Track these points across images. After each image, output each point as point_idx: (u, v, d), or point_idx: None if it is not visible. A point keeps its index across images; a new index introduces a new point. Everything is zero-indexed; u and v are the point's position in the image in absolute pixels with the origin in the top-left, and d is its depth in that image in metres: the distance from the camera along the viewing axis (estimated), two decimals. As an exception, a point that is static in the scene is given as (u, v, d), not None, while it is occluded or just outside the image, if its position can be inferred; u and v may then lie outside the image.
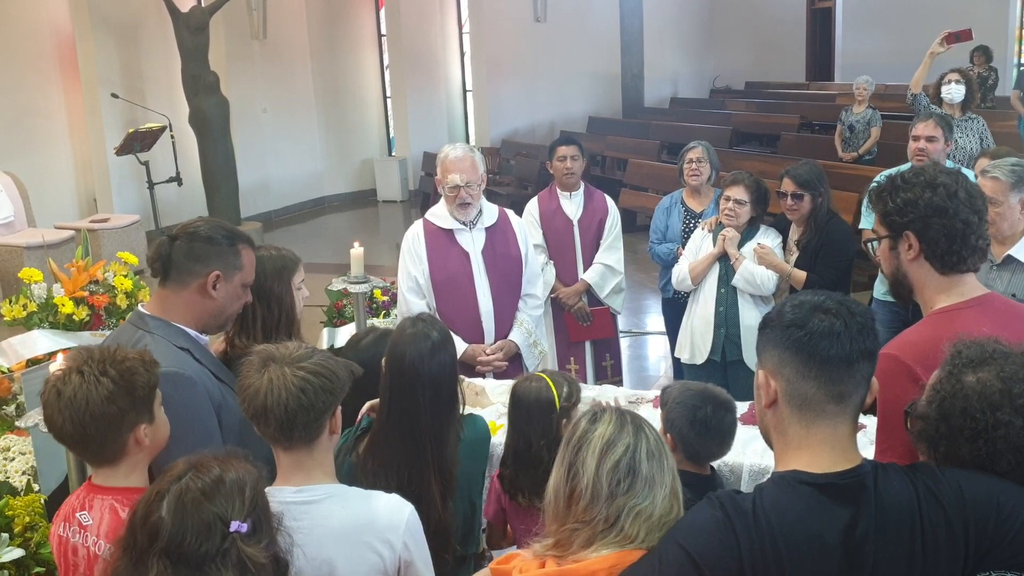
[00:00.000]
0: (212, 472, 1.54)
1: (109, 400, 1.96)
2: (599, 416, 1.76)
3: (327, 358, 2.01)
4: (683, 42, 16.58)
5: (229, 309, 2.54)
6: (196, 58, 10.48)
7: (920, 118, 4.74)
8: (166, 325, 2.45)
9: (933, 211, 2.06)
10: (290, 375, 1.92)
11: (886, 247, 2.17)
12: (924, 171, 2.13)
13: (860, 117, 9.83)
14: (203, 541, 1.47)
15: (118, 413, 1.98)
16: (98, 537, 2.01)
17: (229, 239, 2.49)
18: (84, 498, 2.07)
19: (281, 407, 1.90)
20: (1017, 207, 3.48)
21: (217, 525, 1.48)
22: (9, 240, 8.39)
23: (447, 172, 4.00)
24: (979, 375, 1.65)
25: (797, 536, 1.54)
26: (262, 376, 1.93)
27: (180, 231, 2.50)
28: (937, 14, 14.21)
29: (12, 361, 4.09)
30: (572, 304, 5.05)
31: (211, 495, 1.50)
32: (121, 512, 1.99)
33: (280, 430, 1.94)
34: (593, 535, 1.68)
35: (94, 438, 1.98)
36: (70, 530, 2.06)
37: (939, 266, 2.09)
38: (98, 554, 1.98)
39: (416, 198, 13.79)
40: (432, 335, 2.49)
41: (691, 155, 5.09)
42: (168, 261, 2.45)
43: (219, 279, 2.45)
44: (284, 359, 1.95)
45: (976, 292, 2.12)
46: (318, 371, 1.94)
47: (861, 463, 1.62)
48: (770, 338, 1.67)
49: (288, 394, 1.90)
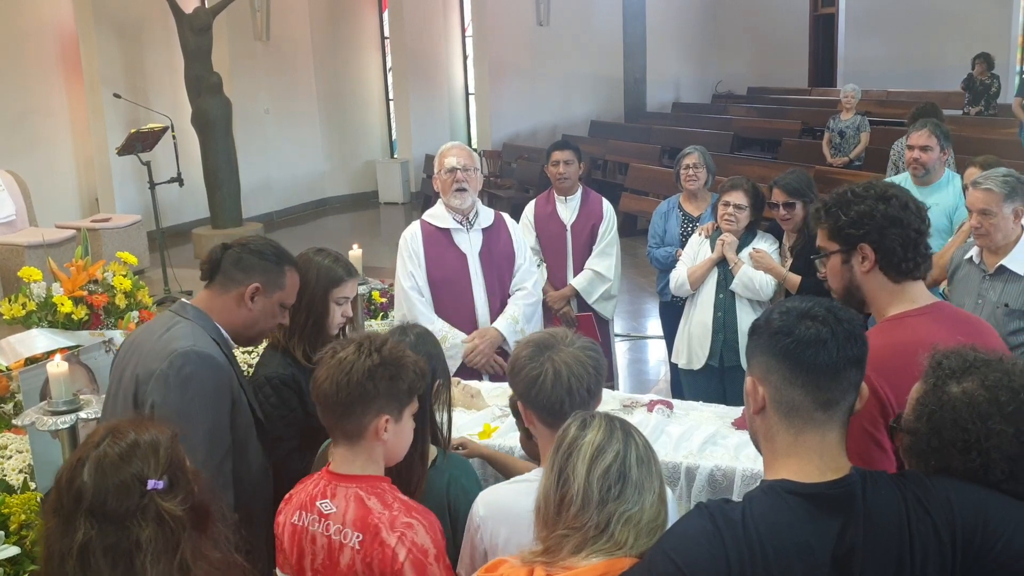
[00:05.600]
0: (128, 436, 1.66)
1: (369, 375, 2.06)
2: (588, 423, 1.77)
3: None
4: (686, 47, 16.60)
5: (262, 324, 2.64)
6: (199, 59, 10.49)
7: (915, 126, 4.73)
8: (205, 318, 2.57)
9: (889, 222, 2.12)
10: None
11: (837, 261, 2.20)
12: (873, 185, 2.19)
13: (849, 123, 9.97)
14: (123, 499, 1.59)
15: (372, 391, 2.06)
16: (343, 525, 2.05)
17: (277, 259, 2.62)
18: (325, 486, 2.12)
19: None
20: (1010, 217, 3.49)
21: (135, 484, 1.60)
22: (10, 239, 8.40)
23: (443, 158, 4.05)
24: (963, 385, 1.65)
25: (786, 546, 1.54)
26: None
27: (236, 241, 2.66)
28: (939, 21, 14.24)
29: (11, 359, 4.10)
30: (558, 308, 5.07)
31: (127, 457, 1.62)
32: (367, 500, 2.05)
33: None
34: (583, 541, 1.69)
35: (343, 404, 2.07)
36: (308, 518, 2.10)
37: (894, 275, 2.15)
38: (343, 543, 2.03)
39: (418, 200, 13.79)
40: (405, 340, 2.43)
41: (687, 160, 5.11)
42: (216, 265, 2.60)
43: (258, 292, 2.57)
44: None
45: (926, 300, 2.18)
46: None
47: (849, 472, 1.62)
48: (758, 345, 1.68)
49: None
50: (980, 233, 3.56)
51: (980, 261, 3.64)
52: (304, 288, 2.83)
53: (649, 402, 3.66)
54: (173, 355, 2.43)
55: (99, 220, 9.60)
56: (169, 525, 1.61)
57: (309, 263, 2.90)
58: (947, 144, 4.60)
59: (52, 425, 2.85)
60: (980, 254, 3.65)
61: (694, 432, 3.34)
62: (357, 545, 2.01)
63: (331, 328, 2.92)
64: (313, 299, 2.87)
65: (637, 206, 10.86)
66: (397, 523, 2.01)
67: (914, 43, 14.65)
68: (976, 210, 3.54)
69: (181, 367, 2.42)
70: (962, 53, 12.27)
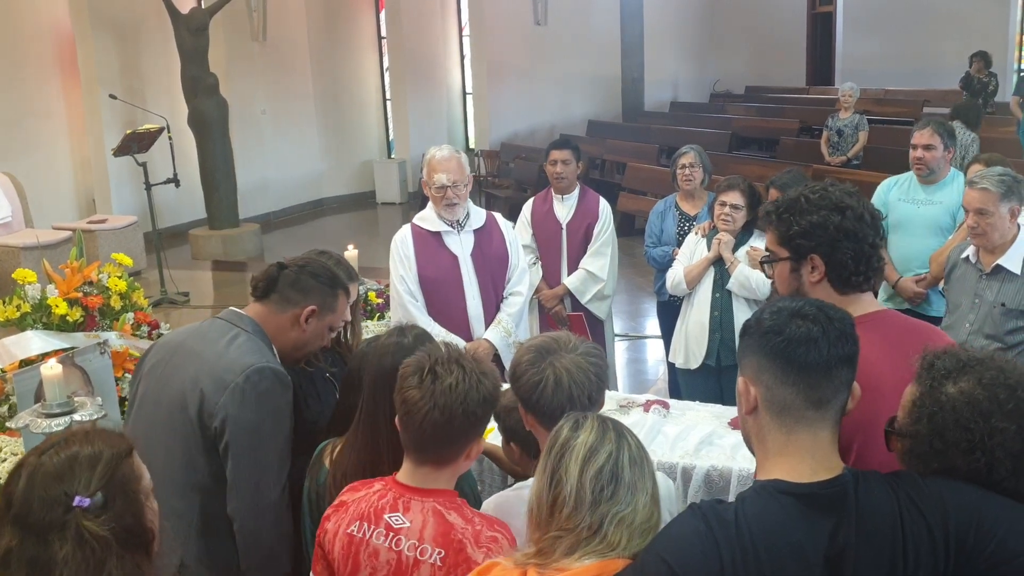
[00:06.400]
0: (70, 449, 1.61)
1: (484, 402, 2.00)
2: (581, 423, 1.76)
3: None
4: (683, 46, 16.59)
5: (311, 345, 2.65)
6: (196, 59, 10.47)
7: (918, 125, 4.71)
8: (263, 334, 2.56)
9: (843, 235, 2.04)
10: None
11: (786, 268, 2.13)
12: (829, 194, 2.08)
13: (848, 122, 9.95)
14: (46, 512, 1.55)
15: (482, 418, 2.03)
16: (420, 541, 1.97)
17: (332, 282, 2.61)
18: (396, 499, 2.03)
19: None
20: (1007, 216, 3.48)
21: (61, 499, 1.55)
22: (6, 240, 8.39)
23: (433, 172, 4.01)
24: (960, 385, 1.64)
25: (779, 547, 1.54)
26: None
27: (292, 261, 2.64)
28: (937, 19, 14.24)
29: (5, 362, 4.08)
30: (551, 307, 5.07)
31: (61, 470, 1.58)
32: (447, 515, 1.99)
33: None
34: (576, 543, 1.68)
35: (453, 431, 1.98)
36: (372, 531, 2.02)
37: (841, 287, 2.07)
38: (420, 559, 1.96)
39: (415, 200, 13.78)
40: (404, 342, 2.42)
41: (684, 160, 5.11)
42: (273, 284, 2.58)
43: (313, 314, 2.57)
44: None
45: (869, 309, 2.10)
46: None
47: (842, 472, 1.62)
48: (749, 344, 1.67)
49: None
50: (977, 232, 3.55)
51: (977, 260, 3.64)
52: None
53: (645, 402, 3.65)
54: (250, 369, 2.41)
55: (95, 221, 9.59)
56: (91, 545, 1.54)
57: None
58: (951, 143, 4.58)
59: (47, 428, 2.84)
60: (977, 253, 3.64)
61: (690, 432, 3.33)
62: (438, 561, 1.95)
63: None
64: None
65: (635, 205, 10.86)
66: (482, 538, 1.96)
67: (912, 41, 14.64)
68: (972, 209, 3.54)
69: (258, 383, 2.40)
70: (960, 51, 12.27)
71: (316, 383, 2.88)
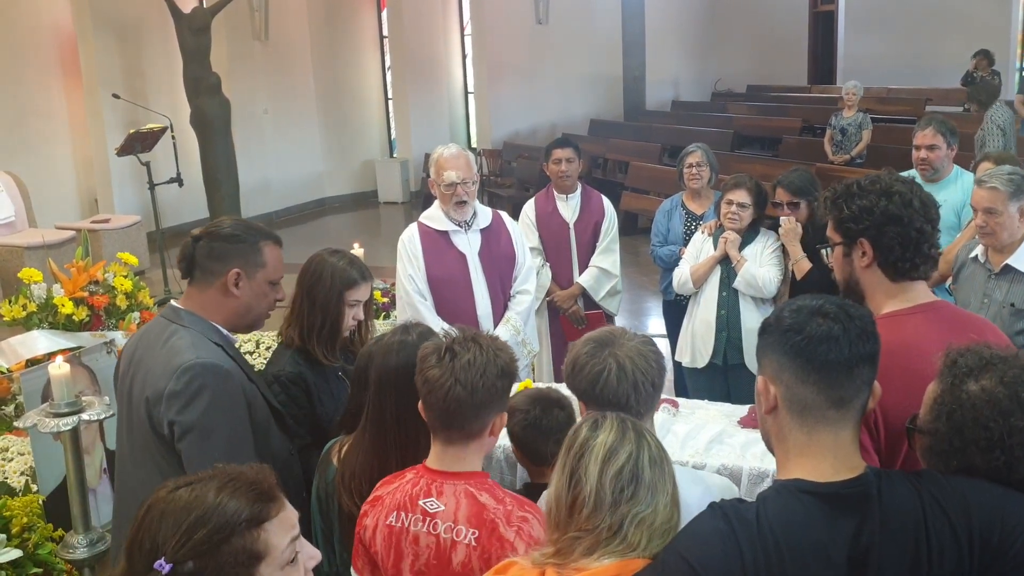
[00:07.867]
0: (203, 488, 1.39)
1: (502, 375, 2.04)
2: (600, 423, 1.74)
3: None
4: (685, 45, 16.57)
5: (256, 308, 2.55)
6: (198, 59, 10.47)
7: (920, 124, 4.69)
8: (200, 320, 2.48)
9: (888, 219, 2.07)
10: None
11: (840, 253, 2.18)
12: (880, 179, 2.14)
13: (852, 120, 9.96)
14: (138, 558, 1.36)
15: (502, 391, 2.06)
16: (455, 523, 2.00)
17: (250, 236, 2.50)
18: (428, 484, 2.06)
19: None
20: (1016, 216, 3.46)
21: (148, 550, 1.36)
22: (10, 240, 8.39)
23: (442, 170, 4.00)
24: (981, 383, 1.62)
25: (801, 546, 1.52)
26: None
27: (203, 230, 2.53)
28: (939, 18, 14.22)
29: (11, 361, 4.09)
30: (567, 308, 5.05)
31: (169, 512, 1.37)
32: (479, 496, 2.02)
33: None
34: (596, 543, 1.67)
35: (476, 406, 2.02)
36: (409, 518, 2.05)
37: (891, 273, 2.11)
38: (456, 540, 2.00)
39: (417, 199, 13.77)
40: (408, 340, 2.40)
41: (691, 159, 5.09)
42: (192, 260, 2.49)
43: (240, 277, 2.47)
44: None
45: (924, 299, 2.13)
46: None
47: (865, 471, 1.61)
48: (769, 343, 1.66)
49: None
50: (985, 232, 3.53)
51: (985, 260, 3.62)
52: (318, 289, 2.81)
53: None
54: (178, 371, 2.34)
55: (99, 221, 9.59)
56: None
57: (323, 264, 2.88)
58: (954, 141, 4.57)
59: (54, 427, 2.83)
60: (985, 253, 3.62)
61: (700, 431, 3.33)
62: (473, 542, 1.99)
63: (343, 330, 2.89)
64: (328, 300, 2.84)
65: (638, 204, 10.85)
66: (513, 517, 2.00)
67: (914, 40, 14.62)
68: (981, 209, 3.52)
69: (189, 382, 2.33)
70: (962, 50, 12.26)
71: (330, 381, 2.88)
